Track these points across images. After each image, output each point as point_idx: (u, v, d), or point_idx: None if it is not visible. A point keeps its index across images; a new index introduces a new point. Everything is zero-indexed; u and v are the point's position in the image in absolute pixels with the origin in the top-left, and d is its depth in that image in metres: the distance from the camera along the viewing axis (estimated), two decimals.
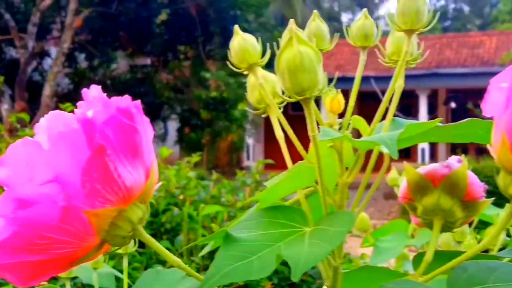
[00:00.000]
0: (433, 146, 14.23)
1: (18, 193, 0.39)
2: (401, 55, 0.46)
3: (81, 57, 12.97)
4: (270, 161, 2.13)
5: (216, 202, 2.22)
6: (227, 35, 12.16)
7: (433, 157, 13.83)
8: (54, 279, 0.84)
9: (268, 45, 0.48)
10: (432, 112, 14.90)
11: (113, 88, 12.95)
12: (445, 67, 13.73)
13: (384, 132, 0.45)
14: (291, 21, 0.38)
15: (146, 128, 0.43)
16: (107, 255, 0.97)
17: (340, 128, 0.45)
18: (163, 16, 12.60)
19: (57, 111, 0.43)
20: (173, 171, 2.48)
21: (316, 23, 0.45)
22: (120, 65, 13.44)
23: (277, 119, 0.49)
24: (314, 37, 0.43)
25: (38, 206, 0.39)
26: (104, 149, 0.39)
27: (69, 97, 12.36)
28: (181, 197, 2.21)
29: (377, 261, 1.11)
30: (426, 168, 0.46)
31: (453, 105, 15.18)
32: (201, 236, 1.59)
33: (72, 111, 0.44)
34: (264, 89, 0.45)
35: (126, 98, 0.41)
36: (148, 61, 14.26)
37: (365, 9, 0.50)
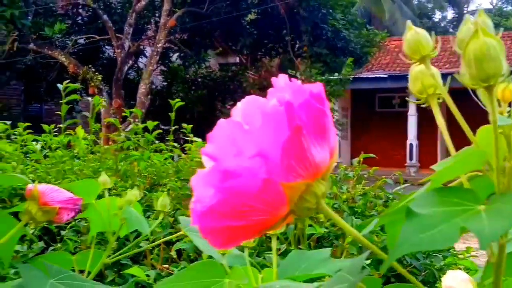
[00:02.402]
0: None
1: (225, 166, 0.45)
2: None
3: (174, 55, 13.35)
4: (371, 155, 2.16)
5: None
6: (316, 34, 12.17)
7: None
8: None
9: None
10: None
11: (203, 85, 13.25)
12: None
13: None
14: (481, 11, 0.42)
15: (329, 112, 0.48)
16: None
17: (509, 116, 0.48)
18: (252, 16, 12.76)
19: (252, 96, 0.49)
20: None
21: (482, 18, 0.48)
22: (210, 64, 13.73)
23: (438, 108, 0.53)
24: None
25: (243, 177, 0.44)
26: (301, 129, 0.44)
27: (162, 94, 12.76)
28: None
29: None
30: None
31: None
32: (307, 226, 1.65)
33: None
34: (435, 79, 0.49)
35: (318, 84, 0.46)
36: (237, 59, 14.48)
37: None
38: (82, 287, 0.80)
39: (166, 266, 1.46)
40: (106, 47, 13.03)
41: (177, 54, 13.23)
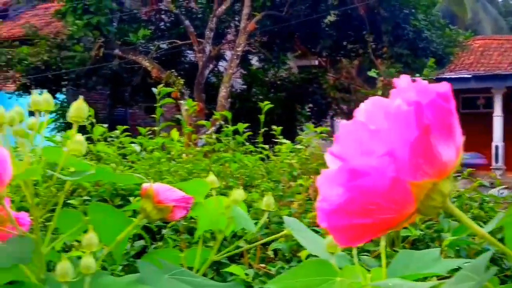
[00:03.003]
0: None
1: (352, 165, 0.47)
2: None
3: (254, 59, 13.47)
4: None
5: None
6: (397, 34, 11.97)
7: None
8: None
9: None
10: None
11: (282, 88, 13.30)
12: None
13: None
14: None
15: (455, 111, 0.49)
16: None
17: None
18: (332, 17, 12.69)
19: (376, 97, 0.50)
20: None
21: None
22: (289, 66, 13.77)
23: None
24: None
25: (371, 176, 0.46)
26: (429, 128, 0.45)
27: (241, 97, 12.90)
28: None
29: None
30: None
31: None
32: (402, 228, 1.65)
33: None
34: None
35: (445, 84, 0.47)
36: (316, 61, 14.44)
37: None
38: (194, 283, 0.83)
39: (263, 265, 1.49)
40: (188, 51, 13.30)
41: (256, 57, 13.33)
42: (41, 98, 0.86)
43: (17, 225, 0.81)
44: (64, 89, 12.97)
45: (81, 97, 0.86)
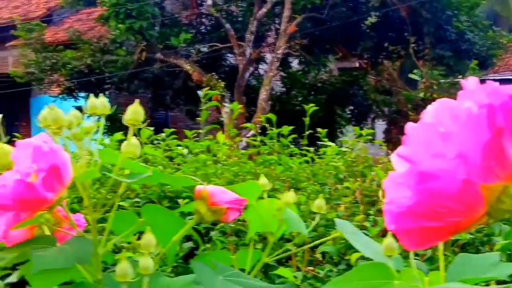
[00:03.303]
0: None
1: (422, 167, 0.46)
2: None
3: (294, 61, 13.47)
4: None
5: None
6: (439, 36, 11.82)
7: None
8: None
9: None
10: None
11: (322, 90, 13.25)
12: None
13: None
14: None
15: None
16: None
17: None
18: (373, 19, 12.60)
19: (444, 99, 0.49)
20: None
21: None
22: (330, 68, 13.71)
23: None
24: None
25: (441, 178, 0.45)
26: (502, 131, 0.44)
27: (281, 100, 12.91)
28: None
29: None
30: None
31: None
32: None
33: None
34: None
35: None
36: (356, 64, 14.35)
37: None
38: (248, 285, 0.83)
39: (311, 268, 1.49)
40: (228, 54, 13.37)
41: (297, 60, 13.32)
42: (98, 101, 0.88)
43: (76, 226, 0.83)
44: (106, 93, 13.19)
45: (137, 101, 0.87)
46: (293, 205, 0.97)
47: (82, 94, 12.82)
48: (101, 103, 0.87)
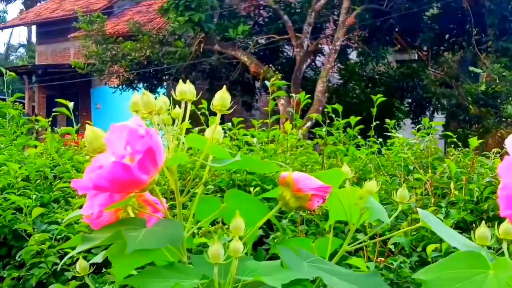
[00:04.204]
0: None
1: None
2: None
3: (352, 53, 13.33)
4: None
5: None
6: (503, 27, 11.47)
7: None
8: None
9: None
10: None
11: (380, 83, 13.08)
12: None
13: None
14: None
15: None
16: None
17: None
18: (433, 10, 12.35)
19: None
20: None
21: None
22: (388, 61, 13.52)
23: None
24: None
25: None
26: None
27: (338, 92, 12.81)
28: None
29: None
30: None
31: None
32: None
33: None
34: None
35: None
36: (415, 56, 14.10)
37: None
38: (332, 271, 0.83)
39: (383, 259, 1.48)
40: (285, 46, 13.35)
41: (355, 51, 13.19)
42: (185, 87, 0.89)
43: (166, 210, 0.85)
44: (164, 84, 13.38)
45: (224, 87, 0.88)
46: (376, 194, 0.97)
47: (141, 85, 13.05)
48: (189, 89, 0.89)
